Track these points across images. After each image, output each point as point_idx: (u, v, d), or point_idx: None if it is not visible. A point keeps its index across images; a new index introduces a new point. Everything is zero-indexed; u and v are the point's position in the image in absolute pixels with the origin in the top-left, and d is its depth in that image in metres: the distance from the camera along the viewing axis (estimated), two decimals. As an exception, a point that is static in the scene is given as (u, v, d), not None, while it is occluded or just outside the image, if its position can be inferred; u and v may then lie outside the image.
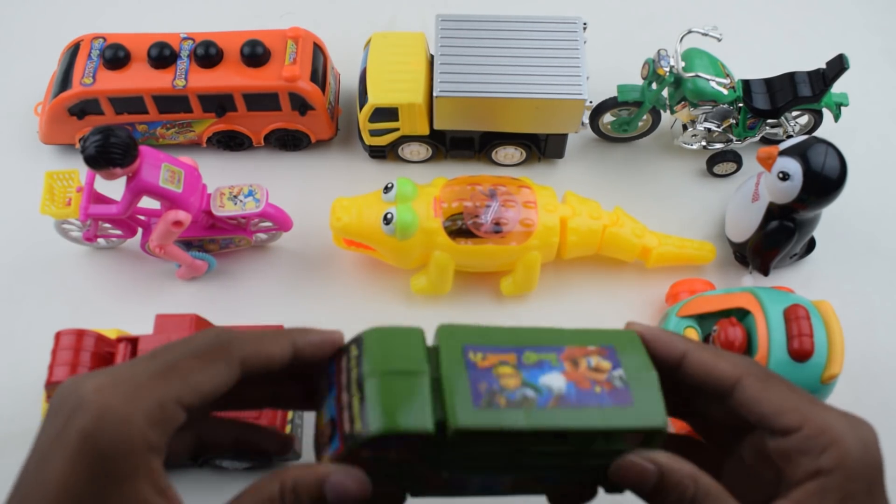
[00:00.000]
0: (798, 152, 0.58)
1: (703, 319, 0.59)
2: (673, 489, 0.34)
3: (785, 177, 0.58)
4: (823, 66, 0.67)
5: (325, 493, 0.32)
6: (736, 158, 0.72)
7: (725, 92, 0.67)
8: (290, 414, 0.54)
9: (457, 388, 0.32)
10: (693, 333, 0.58)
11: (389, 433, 0.31)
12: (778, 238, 0.62)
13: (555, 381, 0.34)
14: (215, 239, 0.66)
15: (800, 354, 0.53)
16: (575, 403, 0.34)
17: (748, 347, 0.55)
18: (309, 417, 0.57)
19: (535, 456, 0.35)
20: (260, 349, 0.33)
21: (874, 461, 0.33)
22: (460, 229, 0.61)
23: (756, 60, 0.77)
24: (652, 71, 0.67)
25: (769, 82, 0.69)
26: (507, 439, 0.33)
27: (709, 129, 0.70)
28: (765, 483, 0.36)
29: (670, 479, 0.34)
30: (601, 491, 0.38)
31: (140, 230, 0.65)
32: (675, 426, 0.58)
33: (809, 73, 0.68)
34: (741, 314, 0.57)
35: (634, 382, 0.35)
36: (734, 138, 0.71)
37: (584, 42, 0.68)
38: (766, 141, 0.73)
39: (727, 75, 0.68)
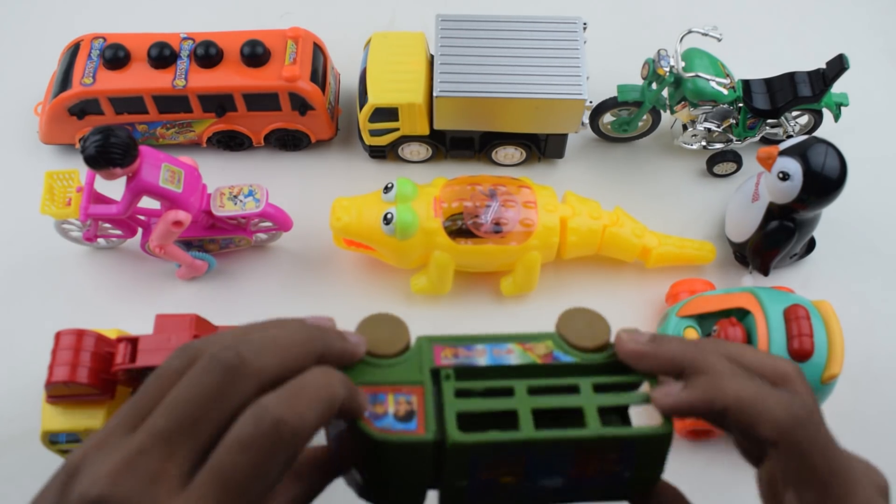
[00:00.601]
0: (798, 152, 0.58)
1: (703, 319, 0.59)
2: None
3: (785, 177, 0.58)
4: (823, 66, 0.67)
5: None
6: (736, 158, 0.72)
7: (725, 92, 0.67)
8: None
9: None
10: (693, 333, 0.58)
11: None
12: (778, 238, 0.62)
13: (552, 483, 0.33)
14: (215, 239, 0.66)
15: (800, 354, 0.53)
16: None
17: (748, 347, 0.55)
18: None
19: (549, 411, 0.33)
20: (312, 428, 0.27)
21: None
22: (460, 229, 0.61)
23: (756, 60, 0.77)
24: (652, 71, 0.67)
25: (769, 82, 0.69)
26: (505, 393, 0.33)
27: (709, 129, 0.70)
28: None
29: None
30: None
31: (140, 230, 0.65)
32: (677, 425, 0.58)
33: (809, 73, 0.68)
34: (741, 314, 0.57)
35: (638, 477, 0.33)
36: (734, 138, 0.71)
37: (584, 42, 0.68)
38: (766, 141, 0.73)
39: (727, 75, 0.68)
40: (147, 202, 0.60)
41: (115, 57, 0.68)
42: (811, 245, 0.68)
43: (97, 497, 0.24)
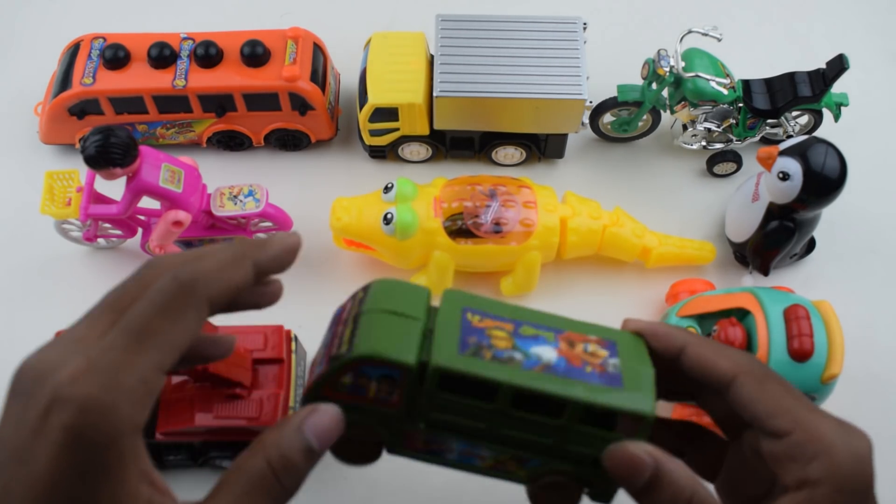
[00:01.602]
0: (798, 152, 0.58)
1: (704, 319, 0.59)
2: (667, 488, 0.33)
3: (785, 177, 0.58)
4: (823, 66, 0.67)
5: (307, 439, 0.31)
6: (736, 158, 0.72)
7: (725, 92, 0.67)
8: (291, 401, 0.54)
9: (446, 335, 0.33)
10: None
11: (372, 357, 0.31)
12: (778, 238, 0.62)
13: (546, 352, 0.34)
14: (215, 239, 0.66)
15: (800, 354, 0.53)
16: (562, 374, 0.33)
17: (748, 347, 0.55)
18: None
19: (515, 426, 0.34)
20: (224, 283, 0.31)
21: (865, 474, 0.32)
22: (460, 229, 0.61)
23: (756, 60, 0.77)
24: (652, 71, 0.67)
25: (769, 82, 0.69)
26: (486, 396, 0.32)
27: (709, 129, 0.70)
28: (763, 478, 0.35)
29: (666, 479, 0.33)
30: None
31: (140, 230, 0.65)
32: (676, 413, 0.58)
33: (809, 73, 0.68)
34: (741, 314, 0.57)
35: (628, 372, 0.34)
36: (734, 138, 0.71)
37: (584, 42, 0.68)
38: (766, 141, 0.73)
39: (727, 75, 0.68)
40: (147, 202, 0.60)
41: (115, 57, 0.68)
42: (811, 245, 0.68)
43: (21, 370, 0.29)
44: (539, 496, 0.38)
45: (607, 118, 0.73)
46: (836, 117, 0.69)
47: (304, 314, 0.65)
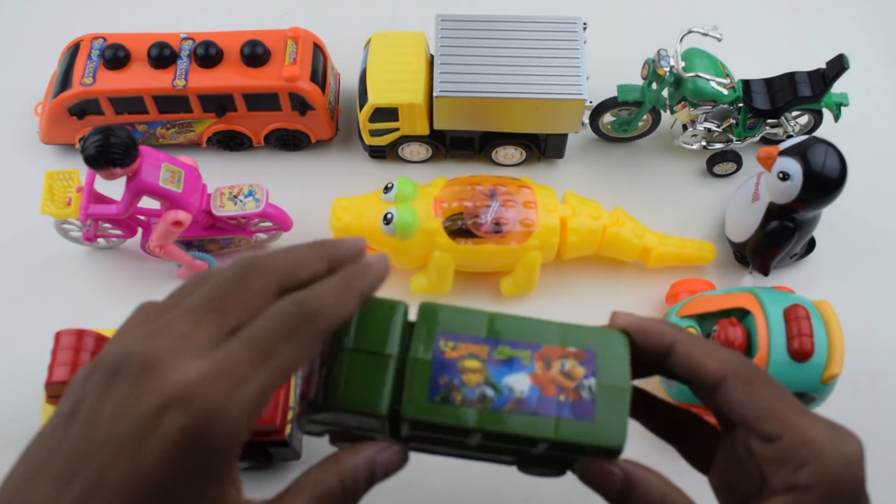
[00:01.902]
0: (798, 152, 0.58)
1: (703, 319, 0.59)
2: (638, 494, 0.33)
3: (785, 177, 0.58)
4: (823, 66, 0.67)
5: (376, 470, 0.33)
6: (736, 158, 0.72)
7: (725, 92, 0.67)
8: (291, 401, 0.54)
9: (415, 379, 0.33)
10: (693, 333, 0.58)
11: (344, 409, 0.33)
12: (778, 238, 0.62)
13: (519, 382, 0.34)
14: (215, 239, 0.66)
15: (800, 354, 0.53)
16: (532, 410, 0.34)
17: (748, 347, 0.55)
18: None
19: (493, 451, 0.36)
20: (339, 316, 0.31)
21: (855, 478, 0.32)
22: (460, 229, 0.61)
23: (756, 60, 0.77)
24: (652, 71, 0.67)
25: (769, 82, 0.69)
26: (461, 433, 0.34)
27: (709, 129, 0.70)
28: (755, 475, 0.34)
29: (637, 488, 0.33)
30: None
31: (140, 230, 0.65)
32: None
33: (809, 73, 0.68)
34: (741, 314, 0.57)
35: (603, 395, 0.35)
36: (734, 138, 0.71)
37: (584, 42, 0.68)
38: (766, 141, 0.73)
39: (727, 75, 0.68)
40: (147, 202, 0.60)
41: (115, 57, 0.68)
42: (811, 245, 0.68)
43: (125, 353, 0.28)
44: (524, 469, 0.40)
45: (607, 118, 0.73)
46: (836, 117, 0.69)
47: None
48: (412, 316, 0.36)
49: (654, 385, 0.61)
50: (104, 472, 0.26)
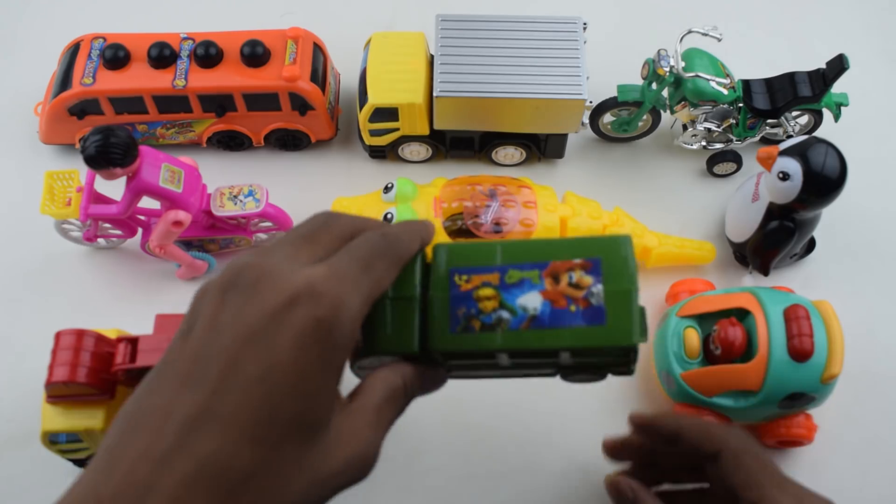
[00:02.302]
0: (798, 152, 0.58)
1: (703, 319, 0.59)
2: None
3: (785, 177, 0.58)
4: (823, 66, 0.67)
5: (424, 381, 0.36)
6: (736, 158, 0.72)
7: (725, 92, 0.67)
8: None
9: (437, 315, 0.36)
10: (693, 333, 0.58)
11: (383, 352, 0.36)
12: (778, 238, 0.62)
13: (531, 300, 0.37)
14: (215, 239, 0.66)
15: (800, 354, 0.53)
16: (548, 324, 0.37)
17: (748, 347, 0.55)
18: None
19: (523, 367, 0.39)
20: (412, 249, 0.36)
21: None
22: (460, 229, 0.61)
23: (756, 60, 0.77)
24: (652, 71, 0.67)
25: (769, 82, 0.69)
26: (488, 356, 0.37)
27: (709, 129, 0.70)
28: None
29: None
30: None
31: (140, 230, 0.65)
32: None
33: (809, 73, 0.68)
34: (741, 314, 0.57)
35: (611, 299, 0.37)
36: (734, 138, 0.71)
37: (584, 42, 0.68)
38: (766, 141, 0.73)
39: (727, 75, 0.68)
40: (147, 202, 0.60)
41: (115, 57, 0.68)
42: (811, 245, 0.68)
43: (238, 268, 0.30)
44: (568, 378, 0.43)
45: (607, 118, 0.73)
46: (836, 117, 0.69)
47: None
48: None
49: (654, 385, 0.61)
50: (236, 365, 0.28)
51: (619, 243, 0.38)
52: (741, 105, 0.69)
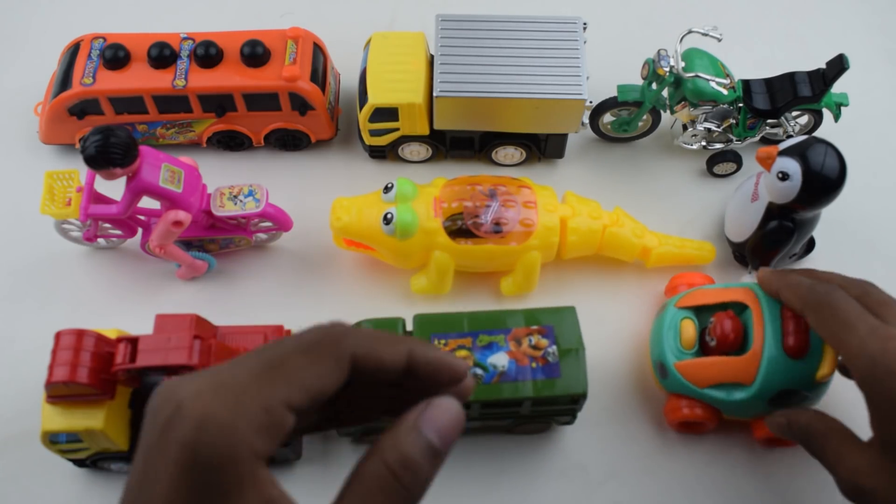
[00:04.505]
0: (798, 152, 0.58)
1: (701, 312, 0.59)
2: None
3: (784, 177, 0.58)
4: (823, 66, 0.67)
5: (426, 436, 0.29)
6: (736, 158, 0.72)
7: (725, 92, 0.67)
8: None
9: None
10: (689, 324, 0.58)
11: None
12: (777, 238, 0.62)
13: (500, 359, 0.48)
14: (215, 239, 0.66)
15: (794, 351, 0.53)
16: (514, 378, 0.48)
17: (744, 342, 0.55)
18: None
19: (491, 416, 0.48)
20: (372, 350, 0.30)
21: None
22: (460, 229, 0.61)
23: (756, 60, 0.77)
24: (652, 71, 0.67)
25: (769, 82, 0.69)
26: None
27: (709, 129, 0.70)
28: None
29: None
30: None
31: (140, 230, 0.65)
32: (667, 418, 0.58)
33: (809, 73, 0.68)
34: (739, 308, 0.57)
35: (564, 357, 0.49)
36: (734, 138, 0.71)
37: (584, 42, 0.68)
38: (766, 141, 0.73)
39: (727, 75, 0.68)
40: (147, 202, 0.60)
41: (115, 57, 0.68)
42: (811, 245, 0.68)
43: (161, 387, 0.28)
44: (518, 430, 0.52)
45: (607, 118, 0.73)
46: (836, 117, 0.69)
47: (304, 314, 0.65)
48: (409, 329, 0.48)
49: (649, 377, 0.61)
50: None
51: (567, 313, 0.51)
52: (741, 105, 0.69)
